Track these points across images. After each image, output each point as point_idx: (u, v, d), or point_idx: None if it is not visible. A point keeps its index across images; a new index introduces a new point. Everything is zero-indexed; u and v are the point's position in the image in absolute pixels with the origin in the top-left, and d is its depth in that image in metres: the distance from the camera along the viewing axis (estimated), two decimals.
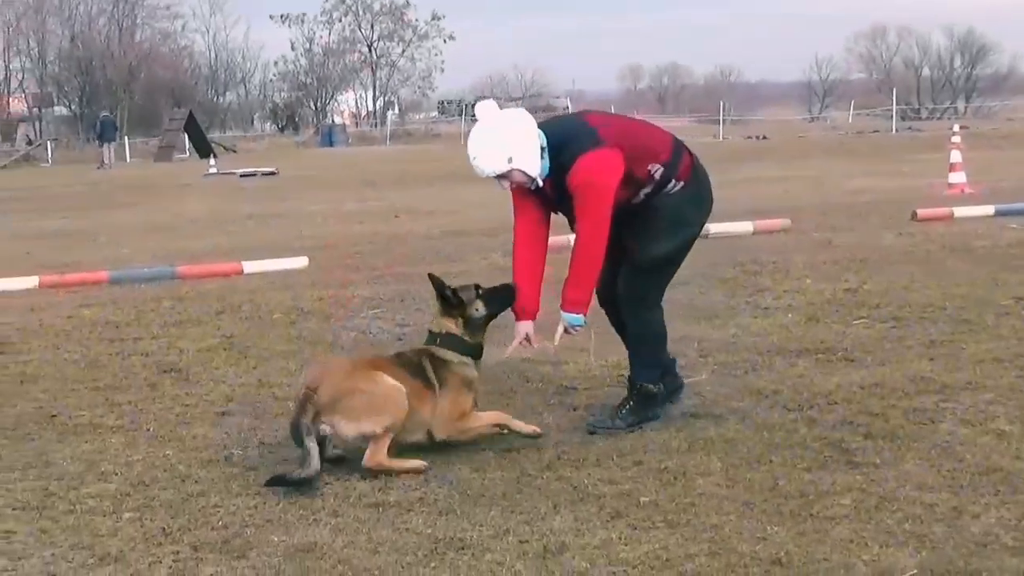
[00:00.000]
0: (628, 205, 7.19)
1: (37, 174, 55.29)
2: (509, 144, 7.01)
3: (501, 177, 7.12)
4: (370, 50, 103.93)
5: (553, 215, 7.43)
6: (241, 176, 42.93)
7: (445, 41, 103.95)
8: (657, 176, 7.20)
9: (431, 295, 7.43)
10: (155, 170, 54.82)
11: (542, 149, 7.07)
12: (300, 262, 15.54)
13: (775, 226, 17.34)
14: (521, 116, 7.23)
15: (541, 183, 7.14)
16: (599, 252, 7.14)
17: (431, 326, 7.31)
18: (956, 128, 25.65)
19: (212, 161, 51.64)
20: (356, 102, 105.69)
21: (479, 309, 7.24)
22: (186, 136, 69.62)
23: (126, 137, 72.78)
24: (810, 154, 40.71)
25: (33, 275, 15.19)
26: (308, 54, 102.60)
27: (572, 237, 7.31)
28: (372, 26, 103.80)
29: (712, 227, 16.74)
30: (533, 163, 7.04)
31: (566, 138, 7.12)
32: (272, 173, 43.60)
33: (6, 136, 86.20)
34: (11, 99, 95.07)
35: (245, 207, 27.90)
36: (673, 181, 7.26)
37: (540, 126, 7.17)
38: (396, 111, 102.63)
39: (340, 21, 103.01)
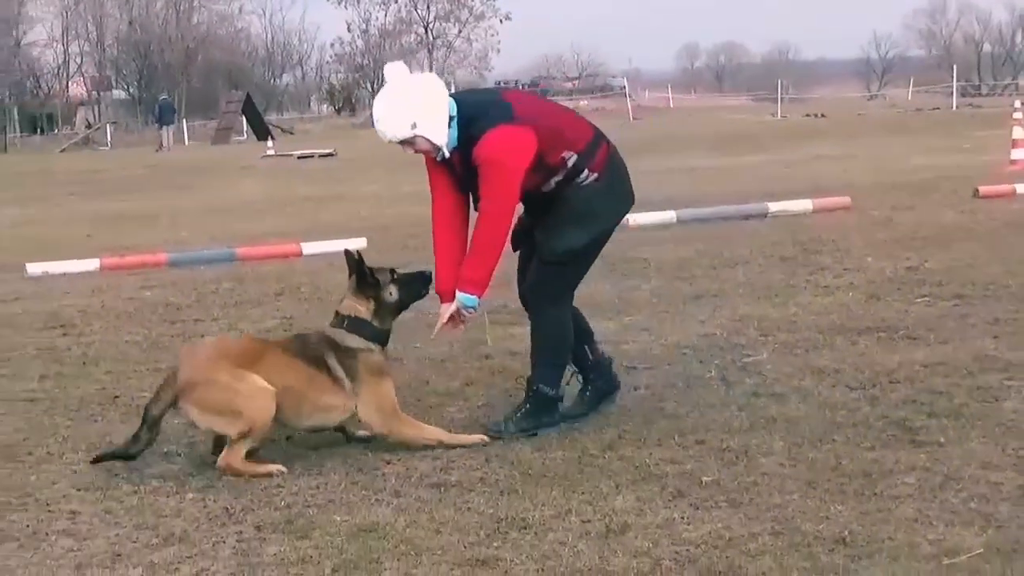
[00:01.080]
0: (537, 192, 6.91)
1: (96, 157, 55.65)
2: (414, 109, 6.67)
3: (405, 143, 6.78)
4: (426, 31, 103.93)
5: None
6: (299, 158, 43.07)
7: (501, 21, 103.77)
8: (570, 164, 6.83)
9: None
10: (213, 152, 55.05)
11: (451, 118, 6.74)
12: (358, 243, 15.53)
13: (835, 204, 17.22)
14: (430, 82, 6.90)
15: (448, 153, 6.80)
16: (501, 232, 6.78)
17: (339, 307, 7.05)
18: (1018, 104, 25.30)
19: (270, 143, 51.80)
20: None
21: (392, 294, 6.99)
22: (244, 118, 69.87)
23: (184, 120, 73.14)
24: (869, 132, 40.41)
25: (94, 257, 15.29)
26: (364, 35, 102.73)
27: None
28: (428, 7, 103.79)
29: (771, 206, 16.77)
30: (439, 131, 6.71)
31: (478, 110, 6.80)
32: (330, 155, 43.72)
33: (66, 120, 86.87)
34: (70, 83, 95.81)
35: (303, 189, 28.00)
36: (586, 172, 6.88)
37: (453, 96, 6.87)
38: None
39: (396, 2, 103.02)
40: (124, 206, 25.97)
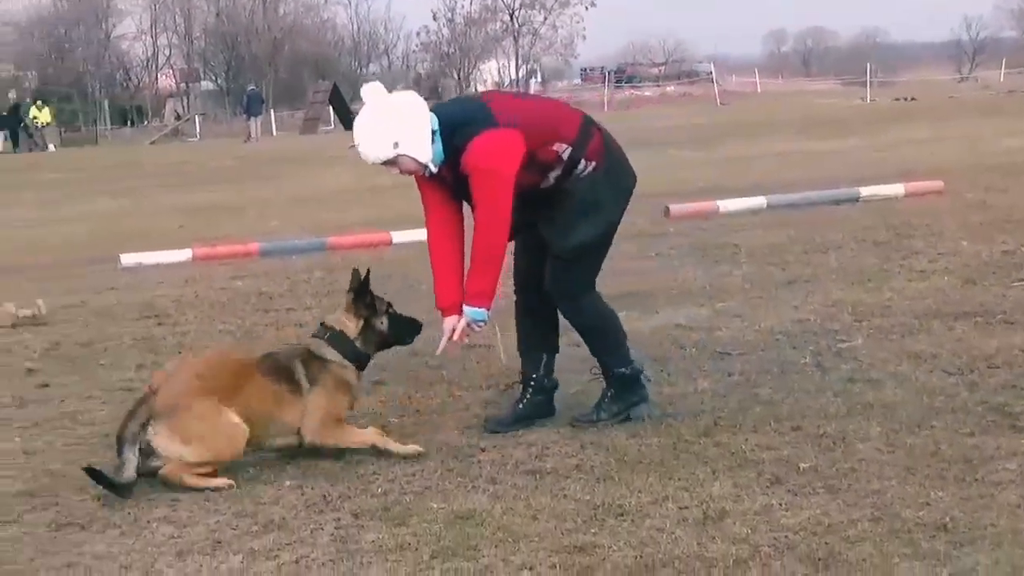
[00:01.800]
0: (538, 190, 6.77)
1: (186, 149, 56.08)
2: (395, 128, 6.55)
3: (389, 164, 6.68)
4: (512, 18, 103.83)
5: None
6: None
7: (587, 8, 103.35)
8: (564, 156, 6.69)
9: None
10: (301, 143, 55.31)
11: (433, 133, 6.60)
12: None
13: (927, 188, 17.05)
14: (409, 99, 6.72)
15: (435, 169, 6.67)
16: (500, 240, 6.64)
17: (326, 318, 6.99)
18: None
19: None
20: (499, 71, 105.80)
21: (382, 323, 6.91)
22: (331, 108, 70.11)
23: (272, 110, 73.57)
24: (961, 114, 39.94)
25: (186, 248, 15.43)
26: (450, 24, 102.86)
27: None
28: None
29: (863, 190, 16.62)
30: (422, 148, 6.58)
31: (460, 120, 6.67)
32: None
33: (155, 112, 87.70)
34: (159, 75, 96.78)
35: (390, 177, 28.00)
36: (583, 162, 6.74)
37: (433, 109, 6.71)
38: (538, 79, 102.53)
39: None
40: (214, 197, 26.15)
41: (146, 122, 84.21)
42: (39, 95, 65.93)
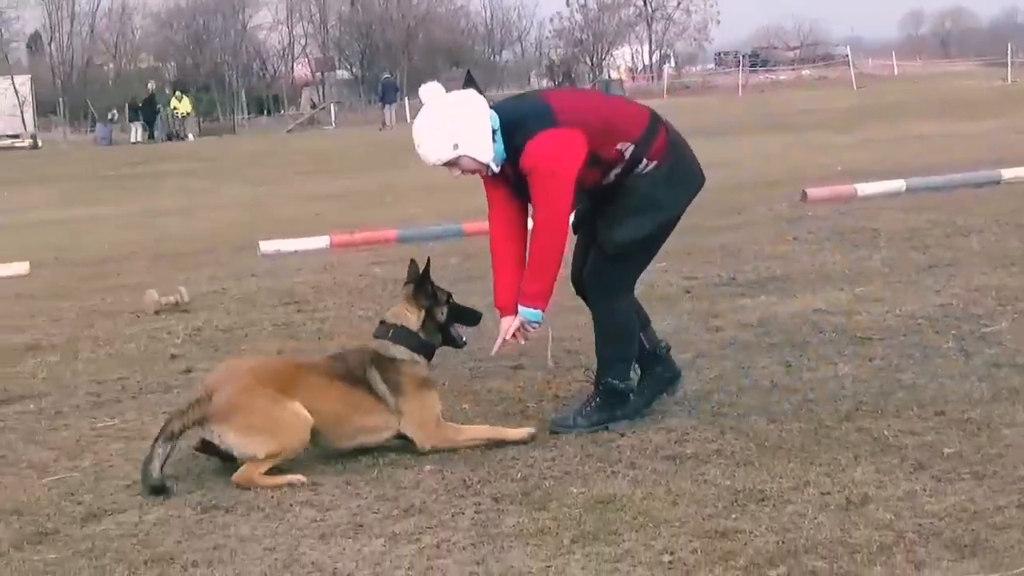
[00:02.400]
0: (598, 186, 6.66)
1: (322, 137, 56.56)
2: (455, 129, 6.47)
3: (450, 165, 6.61)
4: (645, 4, 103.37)
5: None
6: None
7: None
8: (627, 155, 6.55)
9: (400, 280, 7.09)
10: None
11: (494, 132, 6.50)
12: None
13: None
14: (469, 98, 6.61)
15: (496, 169, 6.58)
16: (559, 241, 6.50)
17: (386, 315, 6.90)
18: None
19: None
20: (632, 56, 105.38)
21: (443, 313, 6.86)
22: None
23: (406, 98, 73.92)
24: None
25: (324, 235, 15.59)
26: (583, 9, 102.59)
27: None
28: None
29: (1004, 172, 16.35)
30: (482, 148, 6.49)
31: (519, 118, 6.55)
32: None
33: (291, 101, 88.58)
34: (295, 65, 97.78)
35: None
36: (645, 161, 6.58)
37: (494, 107, 6.59)
38: (672, 64, 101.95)
39: None
40: (350, 184, 26.38)
41: (282, 111, 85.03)
42: (178, 86, 66.93)
